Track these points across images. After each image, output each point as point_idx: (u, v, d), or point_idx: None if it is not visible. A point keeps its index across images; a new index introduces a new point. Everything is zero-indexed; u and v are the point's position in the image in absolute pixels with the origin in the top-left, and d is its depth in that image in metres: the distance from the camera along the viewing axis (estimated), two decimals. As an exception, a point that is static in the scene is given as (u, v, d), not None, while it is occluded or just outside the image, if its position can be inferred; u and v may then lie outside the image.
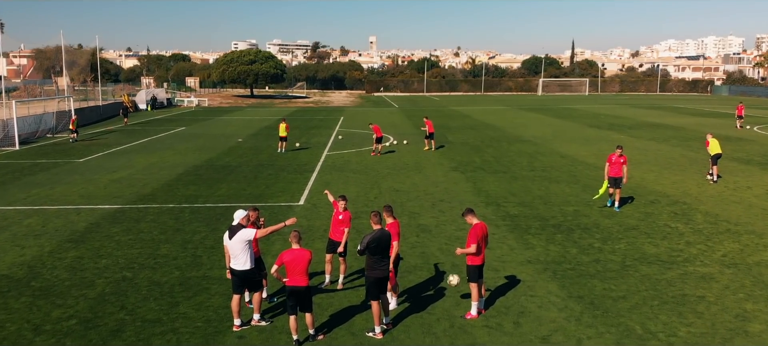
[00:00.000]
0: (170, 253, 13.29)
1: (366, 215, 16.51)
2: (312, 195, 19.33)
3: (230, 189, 20.39)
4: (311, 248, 13.60)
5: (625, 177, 16.93)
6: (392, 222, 9.78)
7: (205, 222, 15.89)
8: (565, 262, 12.59)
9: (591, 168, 24.45)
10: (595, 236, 14.47)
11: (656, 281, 11.50)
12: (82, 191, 20.30)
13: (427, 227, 15.36)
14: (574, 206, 17.71)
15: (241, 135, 37.89)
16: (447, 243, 13.85)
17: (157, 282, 11.51)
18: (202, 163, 26.05)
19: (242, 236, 9.14)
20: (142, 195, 19.39)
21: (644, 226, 15.46)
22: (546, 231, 14.91)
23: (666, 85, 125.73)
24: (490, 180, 21.81)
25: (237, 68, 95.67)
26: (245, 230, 9.21)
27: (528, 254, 13.12)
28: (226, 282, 11.16)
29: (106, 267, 12.45)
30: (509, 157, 27.74)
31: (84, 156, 28.65)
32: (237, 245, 9.13)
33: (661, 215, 16.68)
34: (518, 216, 16.42)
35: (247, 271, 9.24)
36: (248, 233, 9.19)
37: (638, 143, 32.80)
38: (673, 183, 21.25)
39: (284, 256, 8.51)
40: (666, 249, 13.52)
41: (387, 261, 9.03)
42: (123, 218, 16.50)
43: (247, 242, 9.17)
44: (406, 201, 18.34)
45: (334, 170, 24.15)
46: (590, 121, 47.71)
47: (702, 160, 26.43)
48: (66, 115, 40.13)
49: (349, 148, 31.33)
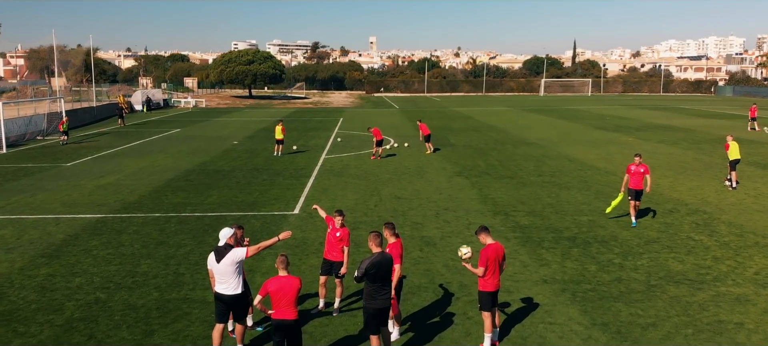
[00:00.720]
0: (151, 270, 12.14)
1: (365, 226, 15.37)
2: (308, 203, 18.17)
3: (221, 196, 19.24)
4: (305, 263, 12.47)
5: (647, 187, 15.36)
6: (394, 242, 8.65)
7: (191, 234, 14.73)
8: (584, 281, 11.43)
9: (601, 173, 23.30)
10: (614, 251, 13.31)
11: (687, 305, 10.34)
12: (65, 198, 19.16)
13: (432, 239, 14.21)
14: (587, 215, 16.54)
15: (236, 137, 36.75)
16: (453, 259, 12.68)
17: (132, 306, 10.35)
18: (194, 168, 24.89)
19: (233, 257, 8.04)
20: (127, 203, 18.24)
21: (665, 238, 14.30)
22: (560, 245, 13.75)
23: (669, 85, 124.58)
24: (497, 186, 20.65)
25: (235, 68, 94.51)
26: (236, 251, 8.09)
27: (543, 271, 11.96)
28: (209, 307, 10.04)
29: (79, 287, 11.30)
30: (515, 161, 26.58)
31: (72, 160, 27.50)
32: (227, 268, 8.02)
33: (681, 225, 15.53)
34: (529, 227, 15.26)
35: (239, 296, 8.13)
36: (239, 253, 8.08)
37: (648, 146, 31.63)
38: (690, 190, 20.10)
39: (269, 285, 7.37)
40: (693, 266, 12.37)
41: (388, 289, 7.88)
42: (104, 229, 15.35)
43: (238, 263, 8.07)
44: (408, 210, 17.19)
45: (332, 175, 22.99)
46: (596, 123, 46.55)
47: (717, 165, 25.29)
48: (58, 117, 38.97)
49: (348, 151, 30.18)
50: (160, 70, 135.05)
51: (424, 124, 30.13)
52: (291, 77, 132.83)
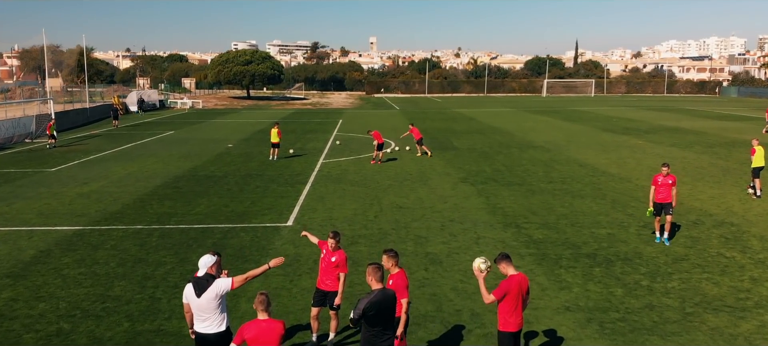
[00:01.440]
0: (124, 294, 10.84)
1: (365, 241, 14.07)
2: (303, 213, 16.87)
3: (210, 205, 17.93)
4: (296, 286, 11.17)
5: (674, 200, 13.75)
6: (397, 272, 7.36)
7: (173, 250, 13.42)
8: (611, 308, 10.13)
9: (615, 179, 21.99)
10: (640, 270, 12.01)
11: (731, 338, 9.05)
12: (43, 207, 17.86)
13: (437, 257, 12.90)
14: (606, 227, 15.23)
15: (231, 140, 35.44)
16: (463, 280, 11.39)
17: (98, 339, 9.06)
18: (184, 173, 23.58)
19: (217, 289, 6.78)
20: (108, 213, 16.93)
21: (695, 255, 13.00)
22: (580, 263, 12.44)
23: (673, 86, 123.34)
24: (505, 194, 19.34)
25: (233, 69, 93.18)
26: (219, 282, 6.83)
27: (564, 296, 10.65)
28: (184, 341, 8.75)
29: (41, 315, 10.01)
30: (522, 165, 25.28)
31: (58, 165, 26.20)
32: (210, 303, 6.76)
33: (709, 240, 14.22)
34: (544, 242, 13.95)
35: (224, 333, 6.86)
36: (223, 285, 6.83)
37: (660, 150, 30.33)
38: (711, 198, 18.80)
39: (246, 330, 6.05)
40: (730, 289, 11.07)
41: (391, 333, 6.56)
42: (80, 243, 14.05)
43: (222, 296, 6.82)
44: (411, 221, 15.88)
45: (330, 182, 21.69)
46: (602, 125, 45.23)
47: (735, 170, 24.01)
48: (47, 119, 37.66)
49: (347, 154, 28.88)
50: (157, 70, 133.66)
51: (415, 128, 29.01)
52: (290, 78, 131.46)
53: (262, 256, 12.94)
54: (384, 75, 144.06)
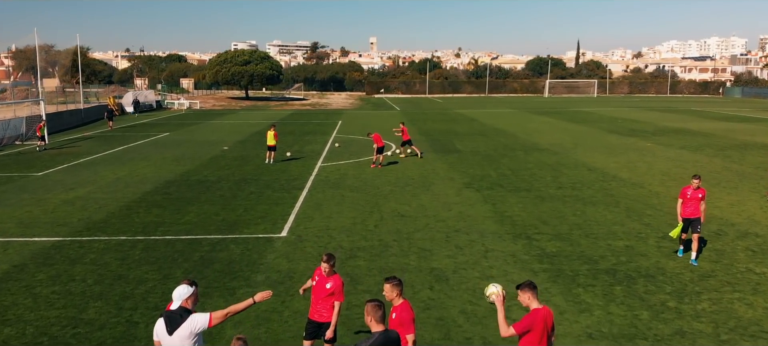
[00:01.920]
0: (99, 317, 9.82)
1: (364, 253, 13.05)
2: (298, 222, 15.85)
3: (200, 213, 16.91)
4: (289, 308, 10.15)
5: (703, 216, 12.58)
6: (401, 304, 6.35)
7: (156, 265, 12.40)
8: (638, 335, 9.11)
9: (627, 185, 20.96)
10: (665, 289, 10.98)
11: (776, 371, 8.03)
12: (24, 215, 16.84)
13: (443, 273, 11.88)
14: (623, 239, 14.21)
15: (227, 142, 34.42)
16: (472, 301, 10.36)
17: (63, 373, 8.05)
18: (176, 178, 22.56)
19: (191, 327, 5.78)
20: (91, 223, 15.91)
21: (722, 271, 11.98)
22: (599, 280, 11.42)
23: (676, 86, 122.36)
24: (513, 201, 18.32)
25: (231, 69, 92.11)
26: (195, 318, 5.82)
27: (585, 321, 9.63)
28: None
29: (5, 342, 9.00)
30: (529, 169, 24.25)
31: (45, 168, 25.17)
32: (182, 342, 5.76)
33: (735, 253, 13.21)
34: (558, 256, 12.92)
35: None
36: (199, 321, 5.83)
37: (670, 153, 29.30)
38: (731, 206, 17.78)
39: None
40: (765, 311, 10.04)
41: (396, 380, 5.55)
42: (57, 256, 13.03)
43: (198, 335, 5.83)
44: (414, 232, 14.85)
45: (328, 187, 20.67)
46: (608, 126, 44.20)
47: (750, 175, 23.02)
48: (38, 120, 36.61)
49: (346, 158, 27.86)
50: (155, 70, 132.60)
51: (405, 128, 28.64)
52: (290, 78, 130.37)
53: (253, 272, 11.93)
54: (384, 75, 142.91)
